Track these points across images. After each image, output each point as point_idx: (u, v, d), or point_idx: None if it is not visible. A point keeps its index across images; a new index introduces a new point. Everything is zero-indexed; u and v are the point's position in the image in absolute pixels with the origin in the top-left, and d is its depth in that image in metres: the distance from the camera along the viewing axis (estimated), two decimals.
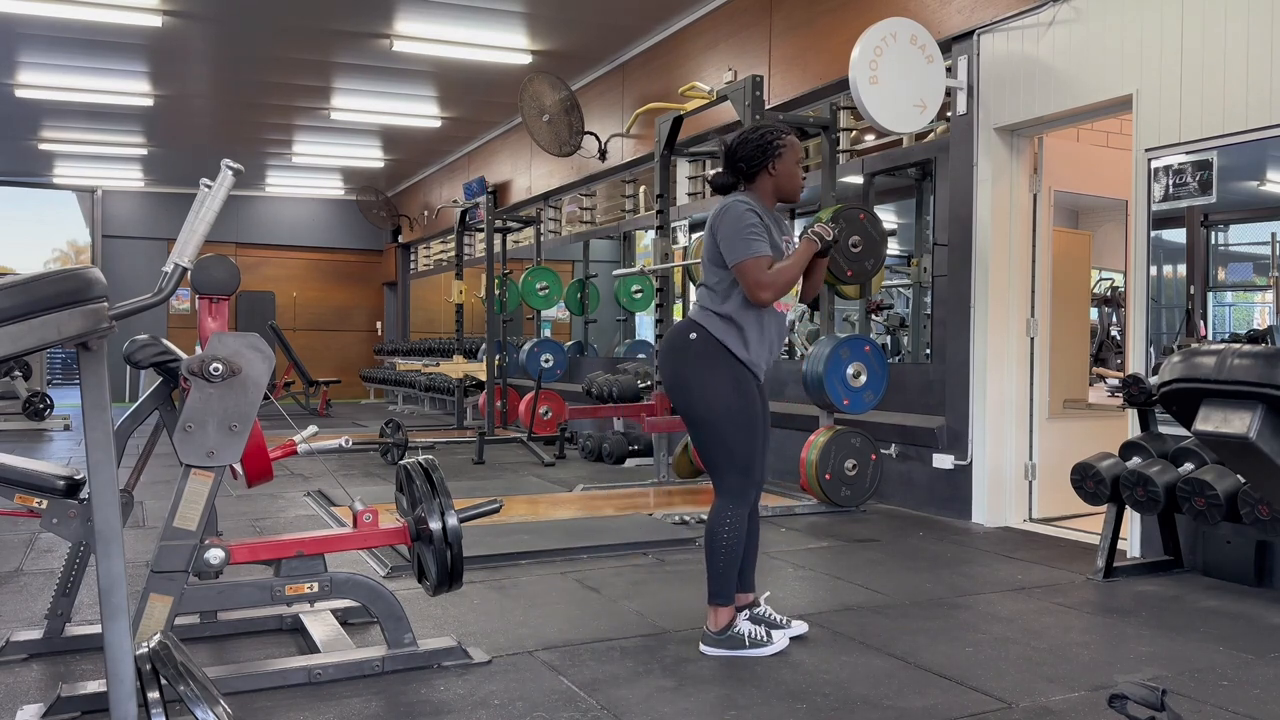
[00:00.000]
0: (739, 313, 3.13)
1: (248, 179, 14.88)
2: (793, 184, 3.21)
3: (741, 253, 3.05)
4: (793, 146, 3.20)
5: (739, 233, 3.06)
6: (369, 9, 7.80)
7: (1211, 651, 3.21)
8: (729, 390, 3.11)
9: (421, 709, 2.68)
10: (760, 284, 3.04)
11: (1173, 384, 1.57)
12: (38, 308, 1.65)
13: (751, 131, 3.21)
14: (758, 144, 3.17)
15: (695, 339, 3.13)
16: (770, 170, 3.17)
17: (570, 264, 12.49)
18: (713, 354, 3.11)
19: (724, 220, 3.11)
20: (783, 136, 3.19)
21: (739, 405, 3.12)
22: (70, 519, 2.67)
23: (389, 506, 4.20)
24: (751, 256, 3.04)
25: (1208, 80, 4.29)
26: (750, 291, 3.06)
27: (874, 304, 7.20)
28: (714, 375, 3.11)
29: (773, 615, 3.31)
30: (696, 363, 3.12)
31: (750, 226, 3.06)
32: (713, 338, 3.12)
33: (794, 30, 6.78)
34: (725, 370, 3.12)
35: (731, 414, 3.11)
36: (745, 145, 3.18)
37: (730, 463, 3.14)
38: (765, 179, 3.19)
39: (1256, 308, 4.88)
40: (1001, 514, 5.42)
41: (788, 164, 3.18)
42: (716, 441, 3.14)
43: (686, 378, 3.14)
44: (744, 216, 3.08)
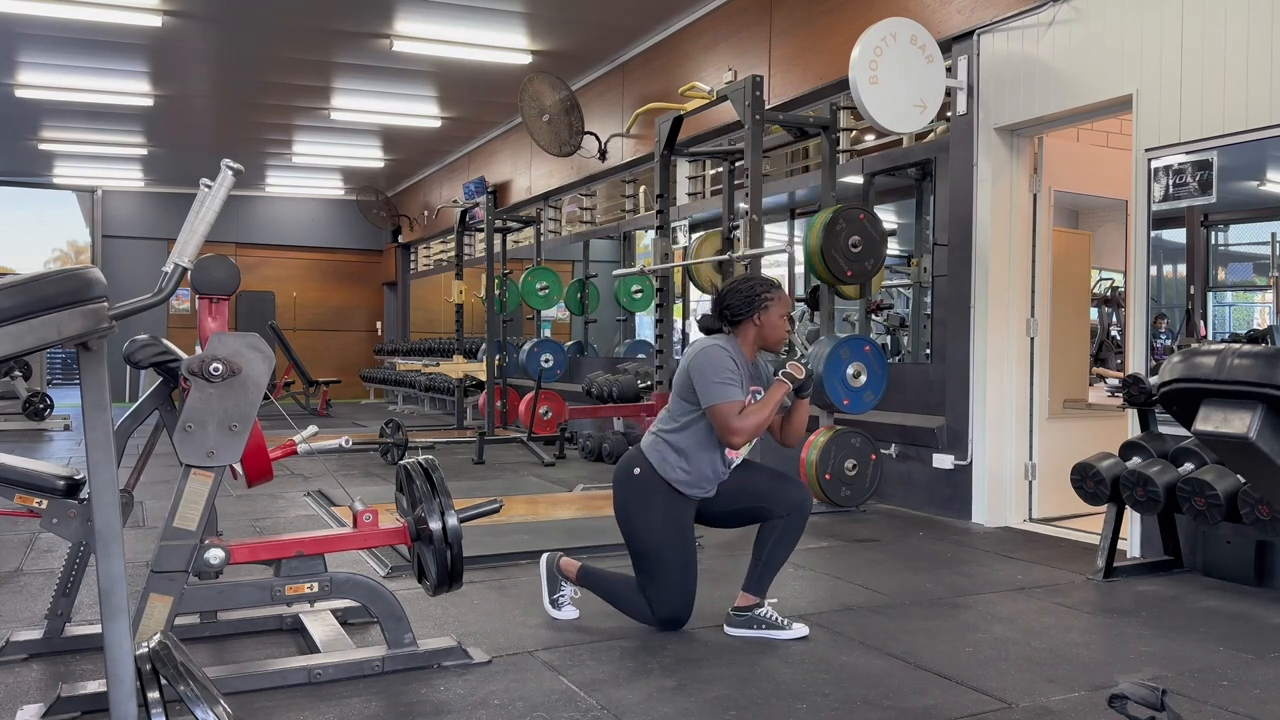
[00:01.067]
0: (688, 443, 3.29)
1: (248, 179, 14.88)
2: (775, 335, 3.36)
3: (716, 396, 3.18)
4: (779, 301, 3.35)
5: (714, 375, 3.20)
6: (369, 9, 7.80)
7: (1211, 651, 3.21)
8: (664, 526, 3.30)
9: (421, 709, 2.67)
10: (731, 429, 3.18)
11: (1173, 384, 1.57)
12: (38, 308, 1.65)
13: (742, 281, 3.37)
14: (746, 295, 3.32)
15: (639, 474, 3.33)
16: (755, 321, 3.32)
17: (570, 264, 12.49)
18: (653, 488, 3.30)
19: (702, 360, 3.25)
20: (771, 290, 3.35)
21: (673, 543, 3.30)
22: (70, 519, 2.67)
23: (389, 506, 4.20)
24: (725, 401, 3.18)
25: (1208, 80, 4.29)
26: (723, 434, 3.22)
27: (874, 304, 7.20)
28: (652, 511, 3.30)
29: (775, 618, 3.34)
30: (638, 497, 3.32)
31: (726, 371, 3.21)
32: (655, 473, 3.30)
33: (794, 30, 6.78)
34: (664, 505, 3.30)
35: (662, 549, 3.29)
36: (735, 294, 3.34)
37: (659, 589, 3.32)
38: (749, 328, 3.33)
39: (1256, 308, 4.89)
40: (1001, 514, 5.42)
41: (772, 317, 3.32)
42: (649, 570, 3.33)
43: (627, 508, 3.34)
44: (721, 361, 3.23)
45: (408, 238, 15.98)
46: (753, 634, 3.29)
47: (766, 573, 3.35)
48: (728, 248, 6.55)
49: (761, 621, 3.30)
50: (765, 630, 3.29)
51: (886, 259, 5.84)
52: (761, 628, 3.29)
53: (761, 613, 3.32)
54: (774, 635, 3.28)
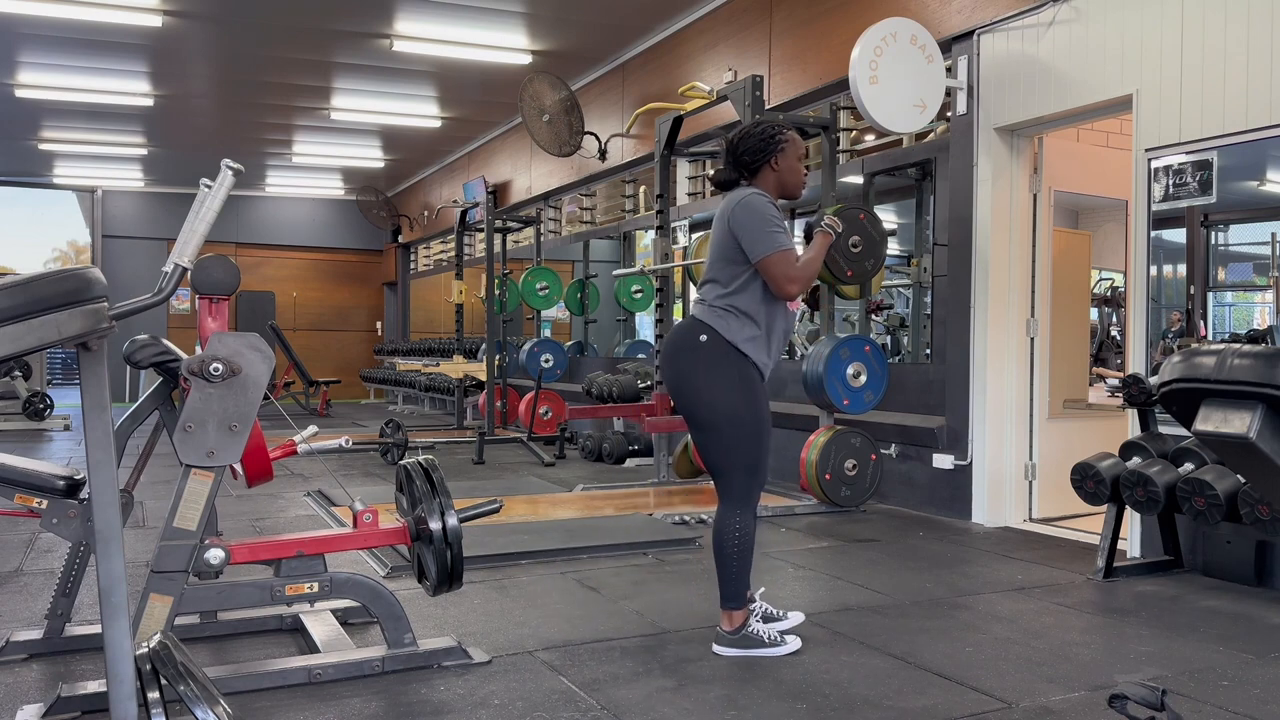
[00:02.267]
0: (755, 309, 3.07)
1: (248, 179, 14.88)
2: (795, 179, 3.18)
3: (768, 246, 2.99)
4: (794, 142, 3.17)
5: (763, 225, 3.00)
6: (369, 9, 7.80)
7: (1211, 651, 3.21)
8: (737, 394, 3.05)
9: (421, 709, 2.67)
10: (790, 277, 3.00)
11: (1173, 384, 1.57)
12: (38, 308, 1.65)
13: (753, 126, 3.18)
14: (760, 138, 3.13)
15: (706, 341, 3.06)
16: (773, 165, 3.14)
17: (570, 264, 12.49)
18: (722, 356, 3.05)
19: (744, 213, 3.04)
20: (784, 132, 3.16)
21: (747, 410, 3.07)
22: (70, 519, 2.67)
23: (389, 506, 4.21)
24: (779, 250, 2.99)
25: (1208, 80, 4.29)
26: (779, 285, 3.02)
27: (874, 304, 7.20)
28: (723, 379, 3.05)
29: (767, 609, 3.33)
30: (707, 366, 3.05)
31: (774, 219, 3.02)
32: (723, 339, 3.05)
33: (794, 30, 6.78)
34: (734, 373, 3.06)
35: (739, 419, 3.06)
36: (748, 140, 3.15)
37: (736, 467, 3.10)
38: (768, 174, 3.15)
39: (1256, 308, 4.89)
40: (1001, 514, 5.42)
41: (790, 159, 3.15)
42: (723, 446, 3.09)
43: (694, 381, 3.07)
44: (765, 209, 3.04)
45: (408, 238, 15.98)
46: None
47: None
48: None
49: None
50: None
51: (886, 259, 5.84)
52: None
53: (755, 607, 3.25)
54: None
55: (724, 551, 3.13)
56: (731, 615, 3.16)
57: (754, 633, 3.15)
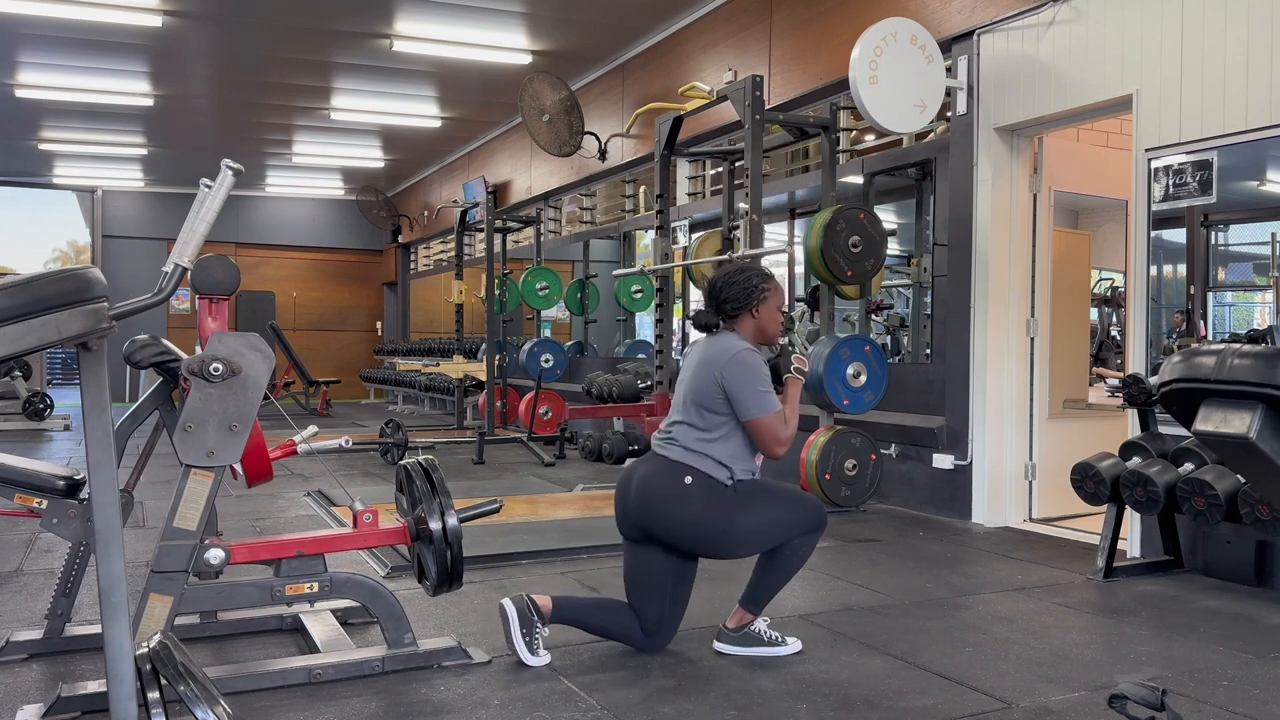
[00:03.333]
0: (734, 460, 3.12)
1: (248, 179, 14.88)
2: (773, 328, 3.24)
3: (760, 409, 3.05)
4: (775, 291, 3.23)
5: (756, 384, 3.06)
6: (369, 9, 7.80)
7: (1211, 651, 3.21)
8: (741, 502, 3.11)
9: (421, 709, 2.67)
10: (779, 440, 3.07)
11: (1173, 384, 1.57)
12: (38, 308, 1.65)
13: (737, 273, 3.22)
14: (743, 287, 3.18)
15: (691, 483, 3.08)
16: (753, 314, 3.20)
17: (570, 264, 12.49)
18: (711, 489, 3.09)
19: (739, 368, 3.08)
20: (768, 281, 3.22)
21: (751, 498, 3.12)
22: (70, 519, 2.67)
23: (389, 506, 4.20)
24: (770, 414, 3.05)
25: (1208, 80, 4.29)
26: (768, 448, 3.08)
27: (874, 304, 7.19)
28: (724, 505, 3.09)
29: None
30: (705, 505, 3.08)
31: (765, 379, 3.09)
32: (705, 475, 3.09)
33: (794, 30, 6.78)
34: (724, 495, 3.10)
35: (758, 509, 3.10)
36: (731, 287, 3.20)
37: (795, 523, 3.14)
38: (747, 320, 3.20)
39: (1256, 308, 4.89)
40: (1001, 514, 5.42)
41: (770, 309, 3.21)
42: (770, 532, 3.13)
43: (703, 523, 3.08)
44: (759, 368, 3.09)
45: (408, 238, 15.98)
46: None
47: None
48: (728, 248, 6.55)
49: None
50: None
51: (886, 259, 5.84)
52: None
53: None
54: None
55: (787, 568, 3.17)
56: (742, 614, 3.19)
57: (757, 631, 3.17)
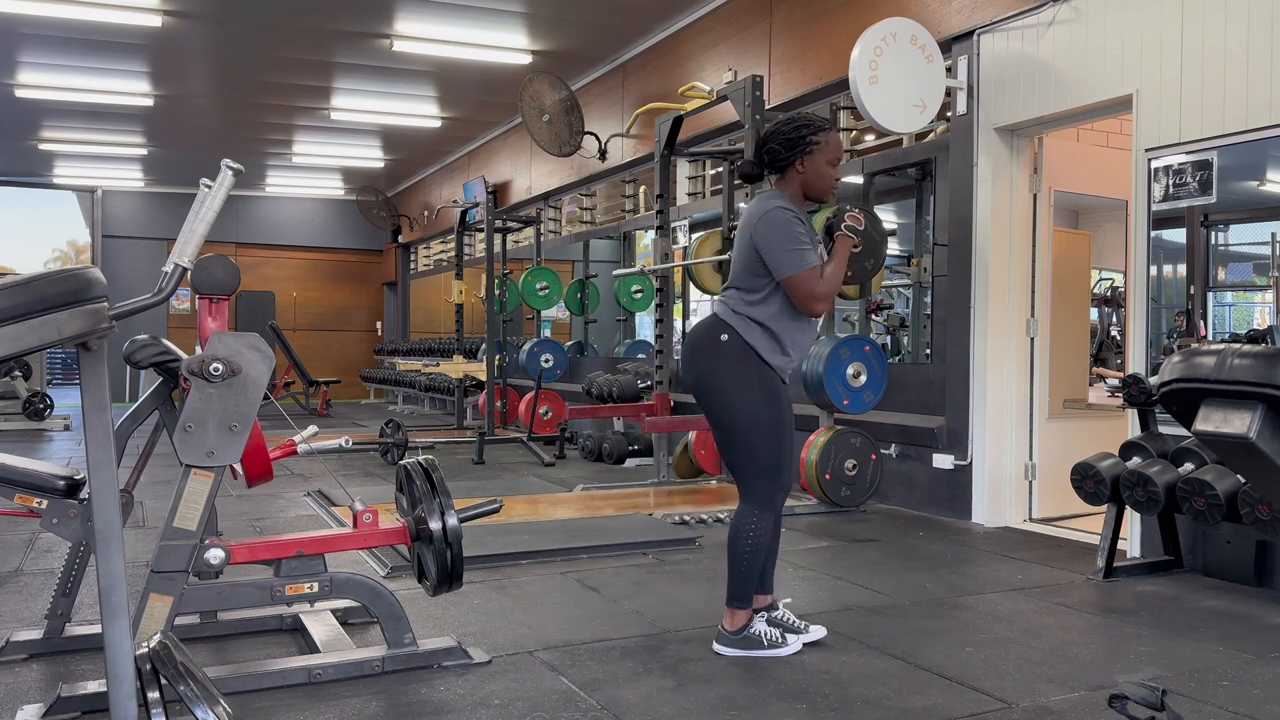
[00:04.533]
0: (775, 321, 3.03)
1: (248, 179, 14.88)
2: (822, 184, 3.07)
3: (793, 265, 2.94)
4: (827, 144, 3.04)
5: (786, 242, 2.94)
6: (369, 9, 7.80)
7: (1211, 651, 3.21)
8: (758, 396, 3.03)
9: (421, 709, 2.68)
10: (814, 296, 2.96)
11: (1173, 384, 1.57)
12: (38, 308, 1.65)
13: (786, 123, 3.07)
14: (789, 136, 3.03)
15: (726, 340, 3.03)
16: (799, 167, 3.04)
17: (570, 264, 12.49)
18: (743, 358, 3.02)
19: (767, 227, 2.98)
20: (818, 132, 3.03)
21: (768, 411, 3.04)
22: (70, 519, 2.67)
23: (389, 506, 4.20)
24: (805, 269, 2.94)
25: (1208, 80, 4.29)
26: (804, 304, 2.98)
27: (874, 304, 7.20)
28: (744, 380, 3.02)
29: (791, 619, 3.24)
30: (727, 366, 3.03)
31: (798, 235, 2.95)
32: (744, 342, 3.02)
33: (794, 30, 6.78)
34: (755, 375, 3.03)
35: (760, 420, 3.03)
36: (776, 136, 3.05)
37: (758, 468, 3.08)
38: (793, 175, 3.06)
39: (1256, 308, 4.89)
40: (1001, 514, 5.42)
41: (818, 162, 3.04)
42: (744, 447, 3.07)
43: (717, 381, 3.04)
44: (790, 225, 2.97)
45: (408, 238, 15.98)
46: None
47: (769, 566, 3.22)
48: (728, 248, 6.55)
49: (779, 623, 3.18)
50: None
51: (886, 259, 5.84)
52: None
53: (778, 615, 3.21)
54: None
55: (736, 550, 3.12)
56: (735, 614, 3.15)
57: (756, 633, 3.14)
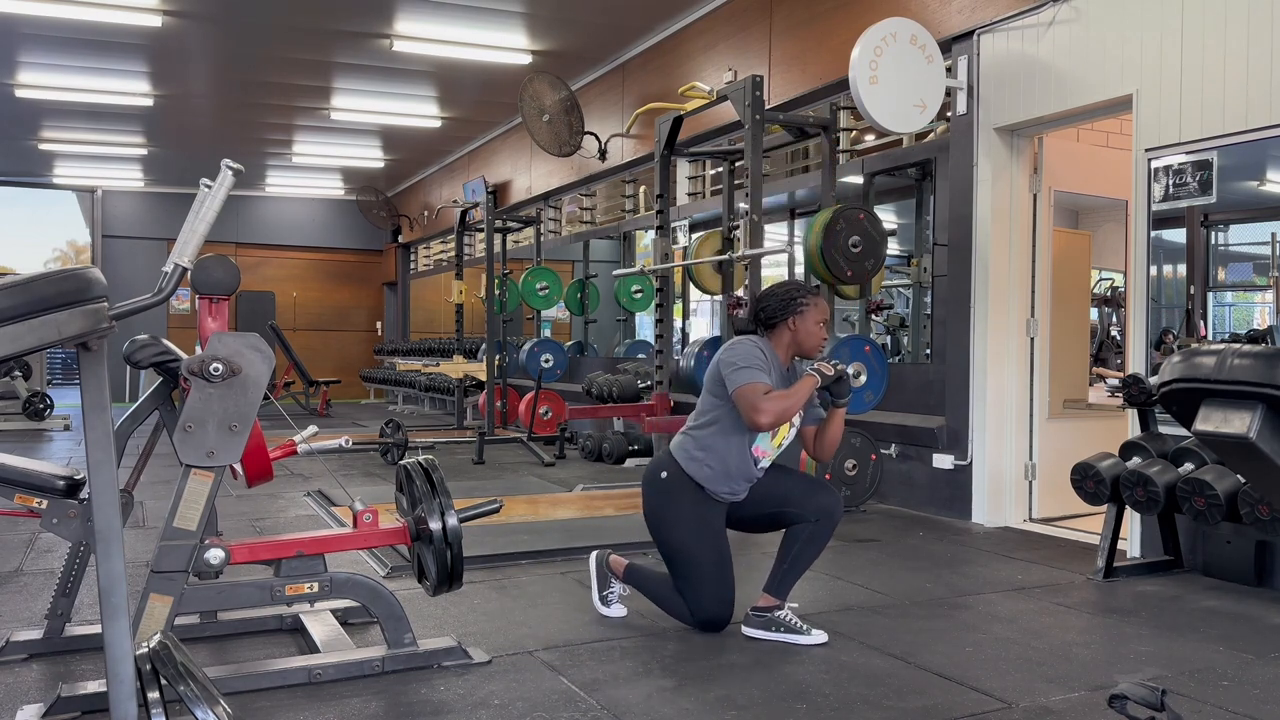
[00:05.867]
0: (711, 443, 3.30)
1: (248, 179, 14.88)
2: (811, 341, 3.37)
3: (740, 379, 3.19)
4: (816, 306, 3.36)
5: (740, 360, 3.23)
6: (369, 9, 7.80)
7: (1211, 651, 3.21)
8: (692, 527, 3.31)
9: (421, 709, 2.68)
10: (756, 408, 3.16)
11: (1173, 384, 1.57)
12: (38, 308, 1.65)
13: (779, 286, 3.42)
14: (781, 299, 3.34)
15: (665, 478, 3.35)
16: (790, 325, 3.34)
17: (570, 264, 12.48)
18: (679, 489, 3.33)
19: (728, 352, 3.30)
20: (808, 296, 3.36)
21: (702, 544, 3.30)
22: (70, 519, 2.67)
23: (389, 506, 4.20)
24: (749, 383, 3.18)
25: (1208, 80, 4.29)
26: (747, 415, 3.19)
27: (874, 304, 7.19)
28: (679, 511, 3.33)
29: (795, 622, 3.29)
30: (664, 498, 3.35)
31: (753, 358, 3.24)
32: (682, 473, 3.32)
33: (794, 30, 6.78)
34: (689, 506, 3.32)
35: (691, 551, 3.30)
36: (770, 298, 3.37)
37: (694, 592, 3.32)
38: (784, 332, 3.36)
39: (1256, 308, 4.89)
40: (1001, 514, 5.42)
41: (808, 322, 3.34)
42: (683, 571, 3.33)
43: (655, 510, 3.38)
44: (748, 350, 3.27)
45: (408, 238, 15.98)
46: (770, 636, 3.26)
47: (790, 575, 3.32)
48: (728, 248, 6.55)
49: (780, 624, 3.27)
50: (783, 634, 3.24)
51: (886, 259, 5.84)
52: (780, 630, 3.25)
53: (781, 615, 3.29)
54: (792, 640, 3.23)
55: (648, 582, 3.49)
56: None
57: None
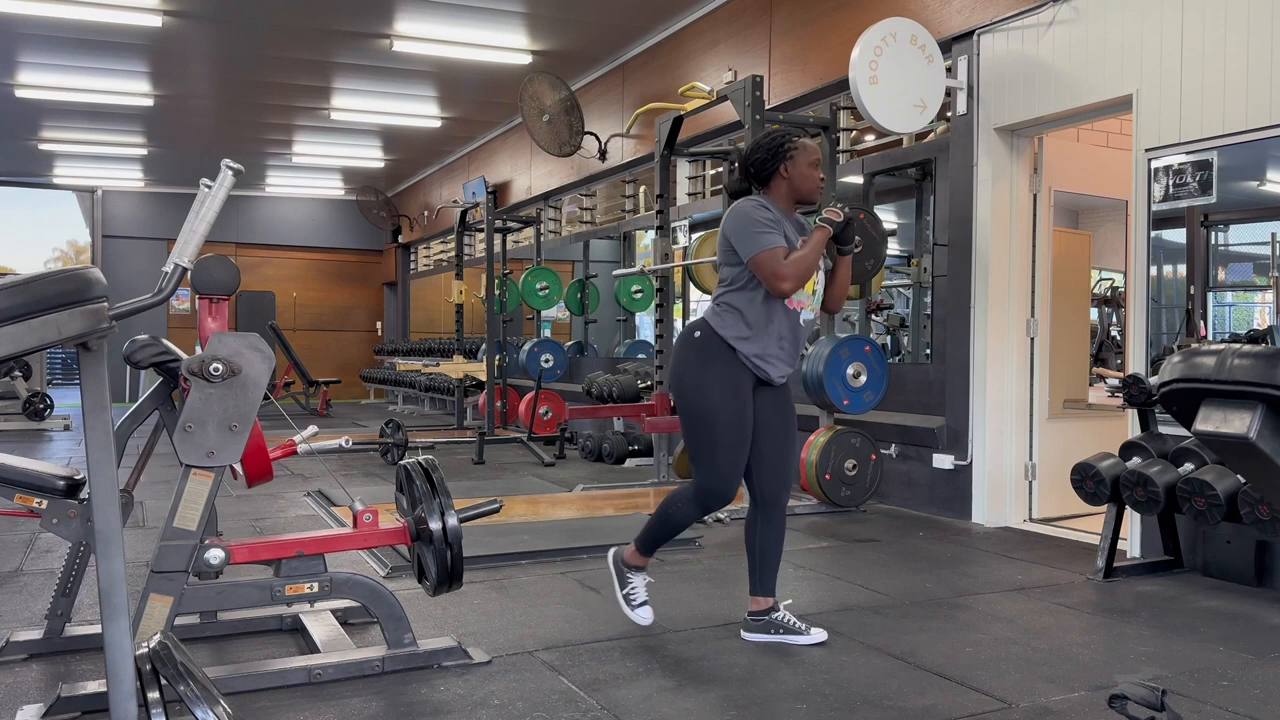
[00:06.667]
0: (746, 306, 3.14)
1: (248, 179, 14.88)
2: (808, 185, 3.21)
3: (754, 246, 3.07)
4: (805, 149, 3.20)
5: (749, 227, 3.09)
6: (369, 9, 7.80)
7: (1211, 651, 3.21)
8: (721, 391, 3.12)
9: (421, 709, 2.67)
10: (778, 274, 3.04)
11: (1173, 384, 1.57)
12: (38, 308, 1.65)
13: (764, 137, 3.24)
14: (769, 148, 3.20)
15: (699, 336, 3.18)
16: (783, 173, 3.20)
17: (570, 264, 12.49)
18: (712, 351, 3.14)
19: (733, 218, 3.15)
20: (794, 139, 3.21)
21: (728, 410, 3.12)
22: (70, 519, 2.67)
23: (389, 506, 4.21)
24: (765, 249, 3.05)
25: (1208, 80, 4.29)
26: (770, 283, 3.07)
27: (874, 304, 7.20)
28: (709, 373, 3.13)
29: (792, 621, 3.26)
30: (696, 359, 3.16)
31: (759, 221, 3.09)
32: (714, 334, 3.14)
33: (794, 30, 6.78)
34: (722, 369, 3.13)
35: (716, 416, 3.11)
36: (757, 150, 3.22)
37: (706, 463, 3.16)
38: (779, 182, 3.21)
39: (1256, 308, 4.88)
40: (1001, 514, 5.42)
41: (800, 166, 3.19)
42: (698, 439, 3.16)
43: (683, 371, 3.18)
44: (753, 212, 3.12)
45: (408, 238, 15.98)
46: (770, 639, 3.22)
47: (766, 569, 3.26)
48: None
49: (779, 626, 3.23)
50: (783, 635, 3.21)
51: (886, 259, 5.84)
52: (779, 633, 3.21)
53: (778, 617, 3.25)
54: (792, 640, 3.20)
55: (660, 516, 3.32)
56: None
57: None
